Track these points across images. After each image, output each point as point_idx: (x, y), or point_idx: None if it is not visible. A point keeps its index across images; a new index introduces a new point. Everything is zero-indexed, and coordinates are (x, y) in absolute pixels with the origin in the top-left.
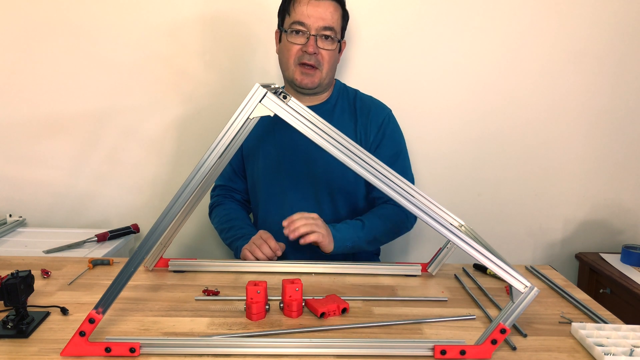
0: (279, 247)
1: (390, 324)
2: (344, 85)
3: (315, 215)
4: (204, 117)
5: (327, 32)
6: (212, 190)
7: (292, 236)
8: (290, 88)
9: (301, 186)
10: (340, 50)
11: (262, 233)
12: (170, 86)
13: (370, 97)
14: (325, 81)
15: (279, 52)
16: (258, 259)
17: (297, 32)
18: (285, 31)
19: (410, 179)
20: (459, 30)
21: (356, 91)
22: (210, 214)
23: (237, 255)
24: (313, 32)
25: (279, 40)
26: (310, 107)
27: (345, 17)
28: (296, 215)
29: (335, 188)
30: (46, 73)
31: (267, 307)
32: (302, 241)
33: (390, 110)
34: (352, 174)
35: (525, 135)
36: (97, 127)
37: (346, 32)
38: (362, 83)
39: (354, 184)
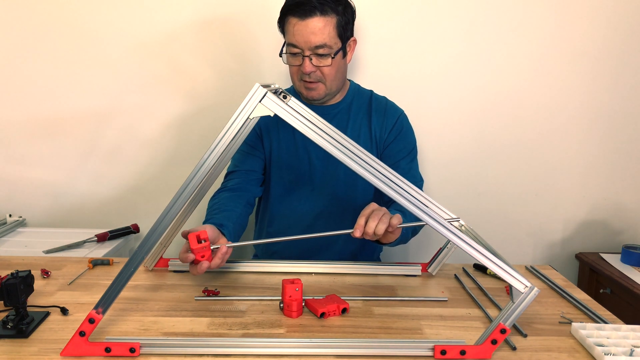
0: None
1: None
2: (358, 85)
3: (373, 205)
4: (204, 117)
5: (320, 50)
6: (225, 177)
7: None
8: (301, 97)
9: (312, 183)
10: (346, 53)
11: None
12: (170, 86)
13: (385, 97)
14: (333, 89)
15: None
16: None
17: (293, 53)
18: (283, 52)
19: (419, 179)
20: (458, 31)
21: (371, 92)
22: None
23: None
24: (306, 53)
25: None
26: (326, 107)
27: (341, 22)
28: (362, 219)
29: (339, 187)
30: (46, 73)
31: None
32: (391, 229)
33: (404, 111)
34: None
35: (525, 135)
36: (97, 127)
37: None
38: (362, 82)
39: (359, 185)
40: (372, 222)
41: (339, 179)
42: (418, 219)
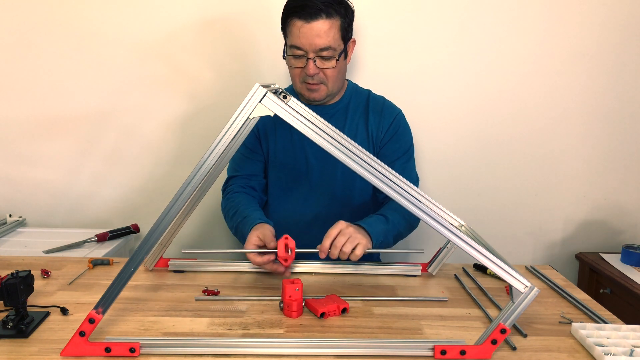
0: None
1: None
2: (356, 85)
3: (340, 225)
4: (204, 117)
5: (324, 53)
6: (225, 183)
7: (353, 257)
8: (302, 98)
9: (310, 183)
10: (347, 54)
11: (260, 236)
12: (170, 86)
13: (383, 97)
14: (334, 90)
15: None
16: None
17: (296, 55)
18: (286, 53)
19: (415, 179)
20: (456, 30)
21: (369, 91)
22: (222, 210)
23: (243, 242)
24: (310, 55)
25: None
26: (324, 107)
27: (344, 24)
28: (327, 242)
29: (339, 187)
30: (46, 73)
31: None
32: (353, 257)
33: (401, 111)
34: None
35: (525, 135)
36: (97, 127)
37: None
38: (359, 81)
39: (356, 186)
40: (334, 250)
41: (337, 179)
42: (396, 228)
